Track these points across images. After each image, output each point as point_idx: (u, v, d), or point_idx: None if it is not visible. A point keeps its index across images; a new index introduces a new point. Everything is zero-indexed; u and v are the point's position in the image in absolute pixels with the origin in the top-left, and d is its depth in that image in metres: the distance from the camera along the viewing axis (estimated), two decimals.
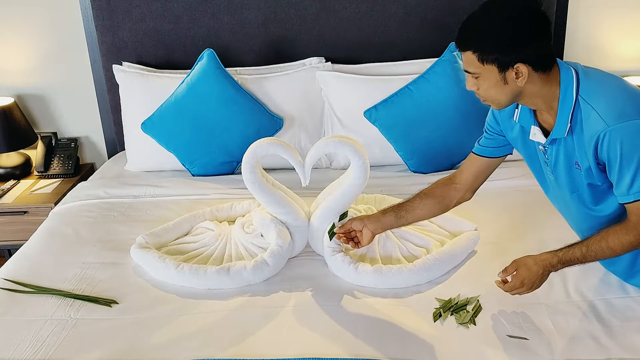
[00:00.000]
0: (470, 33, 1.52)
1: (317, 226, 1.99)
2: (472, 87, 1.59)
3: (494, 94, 1.56)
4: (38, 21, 2.91)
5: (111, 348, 1.62)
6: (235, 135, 2.59)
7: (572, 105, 1.53)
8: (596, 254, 1.58)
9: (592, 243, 1.58)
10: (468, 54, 1.53)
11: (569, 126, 1.55)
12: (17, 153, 3.01)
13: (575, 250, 1.59)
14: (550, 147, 1.63)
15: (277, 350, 1.58)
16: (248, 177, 1.96)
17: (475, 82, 1.57)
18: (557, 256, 1.60)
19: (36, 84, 3.03)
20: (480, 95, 1.60)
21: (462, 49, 1.54)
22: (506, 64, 1.50)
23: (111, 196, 2.49)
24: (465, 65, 1.57)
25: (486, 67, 1.51)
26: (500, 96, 1.57)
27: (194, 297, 1.83)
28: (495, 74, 1.52)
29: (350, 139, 1.94)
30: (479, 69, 1.53)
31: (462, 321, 1.64)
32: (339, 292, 1.82)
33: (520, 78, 1.51)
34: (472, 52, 1.51)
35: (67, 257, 2.05)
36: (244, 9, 2.74)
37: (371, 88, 2.62)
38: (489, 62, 1.50)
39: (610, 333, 1.59)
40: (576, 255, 1.59)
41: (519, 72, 1.50)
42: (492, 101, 1.60)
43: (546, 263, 1.60)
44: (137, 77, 2.70)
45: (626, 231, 1.55)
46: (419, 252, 1.96)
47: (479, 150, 1.88)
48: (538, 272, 1.60)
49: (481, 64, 1.51)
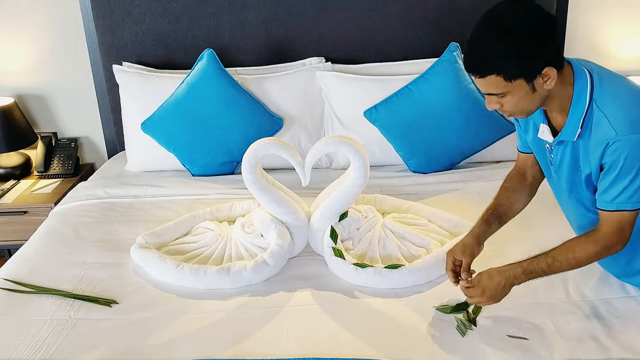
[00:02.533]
0: (489, 56, 1.42)
1: (317, 226, 1.99)
2: (494, 106, 1.51)
3: (522, 105, 1.49)
4: (38, 21, 2.91)
5: (111, 348, 1.62)
6: (235, 135, 2.59)
7: (584, 109, 1.50)
8: (561, 265, 1.56)
9: (558, 254, 1.56)
10: (491, 77, 1.43)
11: (579, 131, 1.52)
12: (17, 153, 3.01)
13: (541, 261, 1.57)
14: (556, 147, 1.61)
15: (277, 350, 1.58)
16: (248, 177, 1.96)
17: (498, 101, 1.49)
18: (521, 267, 1.58)
19: (36, 84, 3.03)
20: (506, 110, 1.52)
21: (482, 74, 1.44)
22: (534, 73, 1.43)
23: (111, 196, 2.49)
24: (486, 88, 1.47)
25: (514, 83, 1.43)
26: (530, 105, 1.50)
27: (194, 297, 1.83)
28: (524, 86, 1.44)
29: (350, 139, 1.94)
30: (506, 88, 1.44)
31: (464, 328, 1.64)
32: (339, 292, 1.82)
33: (549, 80, 1.45)
34: (496, 74, 1.42)
35: (67, 257, 2.05)
36: (244, 9, 2.74)
37: (371, 88, 2.62)
38: (516, 78, 1.43)
39: (610, 333, 1.59)
40: (541, 266, 1.56)
41: (547, 75, 1.44)
42: (521, 112, 1.53)
43: (509, 274, 1.58)
44: (137, 77, 2.70)
45: (593, 241, 1.54)
46: (419, 252, 1.96)
47: (522, 148, 1.81)
48: (500, 282, 1.57)
49: (508, 82, 1.43)
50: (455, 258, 1.70)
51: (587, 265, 1.58)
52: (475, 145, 2.57)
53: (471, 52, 1.46)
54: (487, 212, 1.79)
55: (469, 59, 1.47)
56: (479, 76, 1.45)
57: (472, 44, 1.45)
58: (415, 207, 2.20)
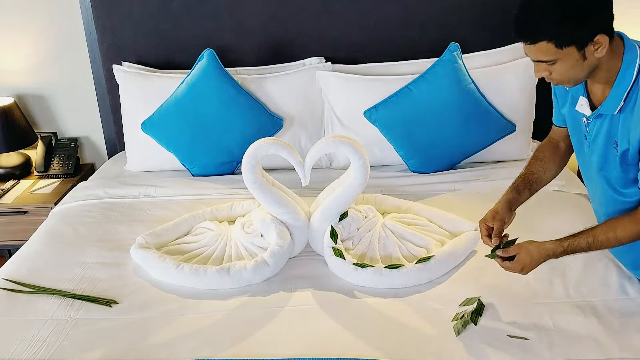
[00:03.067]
0: (541, 21, 1.41)
1: (317, 226, 1.99)
2: (543, 73, 1.50)
3: (572, 73, 1.48)
4: (38, 21, 2.91)
5: (111, 348, 1.62)
6: (235, 135, 2.59)
7: (630, 83, 1.48)
8: (601, 244, 1.56)
9: (599, 234, 1.56)
10: (541, 44, 1.42)
11: (622, 104, 1.50)
12: (17, 153, 3.01)
13: (581, 240, 1.57)
14: (593, 121, 1.59)
15: (277, 350, 1.58)
16: (248, 177, 1.96)
17: (547, 68, 1.48)
18: (562, 246, 1.58)
19: (36, 84, 3.03)
20: (554, 78, 1.51)
21: (533, 41, 1.43)
22: (586, 41, 1.41)
23: (111, 196, 2.49)
24: (536, 55, 1.46)
25: (565, 50, 1.42)
26: (579, 73, 1.49)
27: (194, 297, 1.83)
28: (574, 54, 1.43)
29: (350, 139, 1.94)
30: (556, 55, 1.43)
31: (461, 327, 1.64)
32: (339, 292, 1.82)
33: (600, 48, 1.43)
34: (547, 41, 1.41)
35: (67, 257, 2.05)
36: (244, 9, 2.74)
37: (371, 88, 2.62)
38: (567, 45, 1.41)
39: (610, 333, 1.59)
40: (581, 245, 1.57)
41: (599, 42, 1.42)
42: (569, 80, 1.52)
43: (549, 253, 1.59)
44: (137, 77, 2.70)
45: (636, 222, 1.53)
46: (419, 252, 1.96)
47: (557, 121, 1.83)
48: (540, 260, 1.60)
49: (559, 49, 1.42)
50: (487, 225, 1.70)
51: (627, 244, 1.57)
52: (475, 145, 2.57)
53: (522, 17, 1.44)
54: (517, 180, 1.80)
55: (519, 24, 1.45)
56: (530, 42, 1.44)
57: (523, 10, 1.44)
58: (415, 207, 2.20)
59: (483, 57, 2.68)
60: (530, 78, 2.58)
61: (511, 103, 2.58)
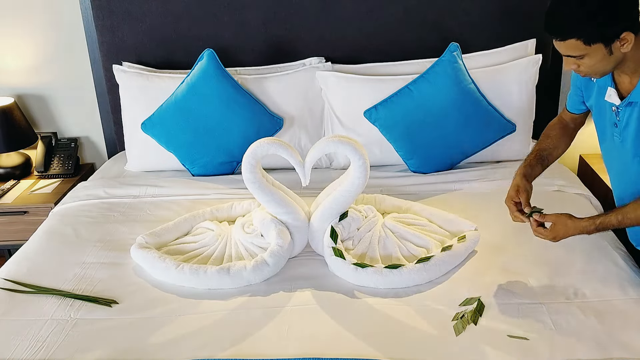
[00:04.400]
0: (570, 20, 1.51)
1: (317, 226, 1.99)
2: (572, 66, 1.61)
3: (599, 67, 1.58)
4: (38, 21, 2.91)
5: (111, 348, 1.62)
6: (235, 135, 2.59)
7: None
8: (631, 221, 1.66)
9: (629, 211, 1.65)
10: (571, 41, 1.52)
11: None
12: (17, 153, 3.01)
13: (612, 218, 1.67)
14: (624, 109, 1.67)
15: (278, 350, 1.58)
16: (248, 177, 1.96)
17: (576, 62, 1.58)
18: (594, 223, 1.67)
19: (36, 84, 3.03)
20: (581, 71, 1.62)
21: (563, 37, 1.53)
22: (612, 38, 1.51)
23: (111, 196, 2.48)
24: (566, 51, 1.56)
25: (593, 47, 1.52)
26: (606, 67, 1.59)
27: (194, 297, 1.83)
28: (601, 50, 1.53)
29: (350, 139, 1.94)
30: (585, 50, 1.53)
31: (461, 327, 1.64)
32: (339, 292, 1.82)
33: (626, 44, 1.52)
34: (576, 38, 1.51)
35: (67, 257, 2.05)
36: (244, 9, 2.74)
37: (371, 88, 2.62)
38: (595, 42, 1.51)
39: (610, 333, 1.59)
40: (612, 222, 1.67)
41: (625, 39, 1.51)
42: (596, 73, 1.62)
43: (583, 229, 1.68)
44: (137, 77, 2.70)
45: None
46: (419, 252, 1.96)
47: (572, 108, 1.94)
48: (573, 234, 1.70)
49: (587, 45, 1.52)
50: (514, 201, 1.81)
51: None
52: (475, 145, 2.57)
53: (553, 15, 1.55)
54: (530, 156, 1.94)
55: (550, 22, 1.55)
56: (560, 39, 1.54)
57: (554, 8, 1.54)
58: (415, 207, 2.20)
59: (483, 57, 2.68)
60: (530, 78, 2.58)
61: (511, 103, 2.58)
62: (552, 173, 2.30)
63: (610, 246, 1.96)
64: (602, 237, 2.03)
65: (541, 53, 2.63)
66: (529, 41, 2.68)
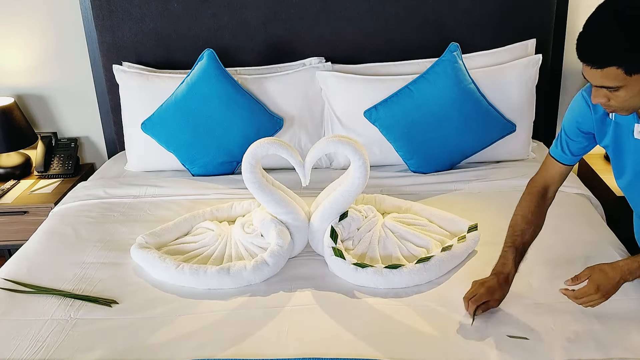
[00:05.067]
0: (613, 47, 1.33)
1: (317, 226, 1.99)
2: (602, 100, 1.44)
3: (633, 102, 1.42)
4: (38, 21, 2.91)
5: (111, 348, 1.62)
6: (235, 135, 2.59)
7: None
8: None
9: None
10: (610, 69, 1.35)
11: None
12: (17, 153, 3.01)
13: None
14: None
15: (277, 350, 1.58)
16: (248, 177, 1.96)
17: (607, 95, 1.42)
18: (637, 261, 1.53)
19: (36, 84, 3.03)
20: (611, 105, 1.45)
21: (601, 66, 1.36)
22: None
23: (111, 196, 2.49)
24: (601, 81, 1.39)
25: (633, 77, 1.36)
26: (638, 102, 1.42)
27: (194, 297, 1.83)
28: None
29: (350, 139, 1.94)
30: (623, 82, 1.37)
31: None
32: (339, 292, 1.82)
33: None
34: (617, 67, 1.35)
35: (67, 257, 2.05)
36: (244, 9, 2.74)
37: (371, 88, 2.62)
38: (636, 73, 1.35)
39: (610, 333, 1.59)
40: None
41: None
42: (628, 109, 1.45)
43: (624, 269, 1.52)
44: (137, 77, 2.70)
45: None
46: (419, 252, 1.96)
47: (567, 160, 1.76)
48: (615, 278, 1.52)
49: (628, 76, 1.35)
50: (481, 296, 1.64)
51: None
52: (475, 145, 2.57)
53: (590, 41, 1.37)
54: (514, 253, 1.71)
55: (586, 48, 1.37)
56: (597, 67, 1.37)
57: (591, 33, 1.37)
58: (415, 207, 2.20)
59: (483, 57, 2.68)
60: (530, 78, 2.58)
61: (511, 103, 2.58)
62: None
63: (611, 246, 1.96)
64: (602, 237, 2.03)
65: (541, 53, 2.63)
66: (529, 41, 2.68)
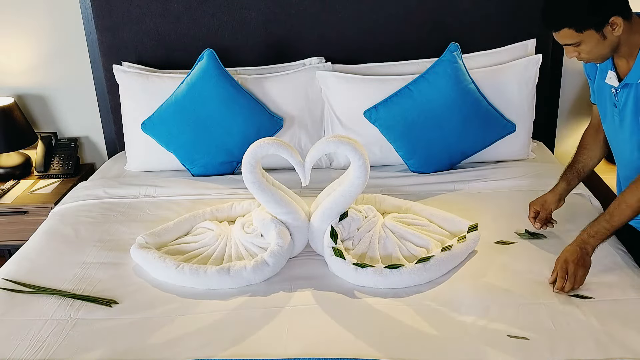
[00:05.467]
0: (561, 12, 1.65)
1: (317, 226, 1.99)
2: (573, 54, 1.74)
3: (596, 51, 1.71)
4: (38, 21, 2.91)
5: (111, 348, 1.62)
6: (235, 135, 2.59)
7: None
8: (620, 217, 1.74)
9: (614, 209, 1.75)
10: (564, 30, 1.67)
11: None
12: (17, 153, 3.01)
13: (600, 220, 1.77)
14: (622, 90, 1.79)
15: (277, 350, 1.58)
16: (248, 177, 1.96)
17: (574, 49, 1.71)
18: (585, 232, 1.77)
19: (36, 84, 3.03)
20: (583, 58, 1.74)
21: (556, 28, 1.67)
22: (602, 23, 1.64)
23: (111, 196, 2.48)
24: (562, 40, 1.70)
25: (585, 33, 1.66)
26: (603, 51, 1.71)
27: (194, 297, 1.83)
28: (594, 35, 1.66)
29: (350, 139, 1.94)
30: (578, 38, 1.67)
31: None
32: (339, 292, 1.82)
33: (617, 28, 1.65)
34: (568, 27, 1.65)
35: (67, 257, 2.05)
36: (244, 9, 2.74)
37: (371, 88, 2.62)
38: (586, 29, 1.65)
39: (610, 333, 1.59)
40: (603, 224, 1.76)
41: (614, 23, 1.64)
42: (596, 58, 1.74)
43: (580, 238, 1.77)
44: (137, 77, 2.70)
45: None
46: (418, 252, 1.96)
47: (594, 99, 2.00)
48: (575, 250, 1.75)
49: (579, 33, 1.65)
50: (535, 209, 2.01)
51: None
52: (475, 145, 2.57)
53: (546, 10, 1.70)
54: (566, 170, 2.07)
55: (545, 16, 1.70)
56: (554, 30, 1.69)
57: (546, 3, 1.69)
58: (415, 207, 2.20)
59: (483, 57, 2.68)
60: (530, 78, 2.58)
61: (511, 103, 2.58)
62: (553, 173, 2.30)
63: (611, 246, 1.96)
64: None
65: (541, 53, 2.63)
66: (529, 41, 2.68)
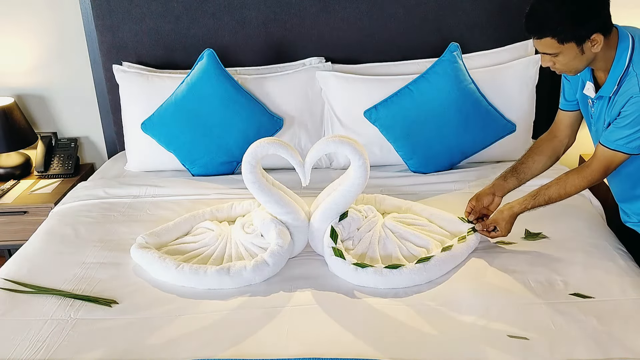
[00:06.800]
0: (546, 21, 1.64)
1: (317, 226, 1.99)
2: (548, 63, 1.74)
3: (572, 65, 1.72)
4: (38, 21, 2.91)
5: (111, 348, 1.62)
6: (235, 135, 2.59)
7: (623, 70, 1.71)
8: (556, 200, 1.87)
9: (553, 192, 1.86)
10: (546, 39, 1.66)
11: (616, 88, 1.73)
12: (17, 153, 3.01)
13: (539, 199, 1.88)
14: (597, 102, 1.83)
15: (277, 350, 1.58)
16: (248, 177, 1.96)
17: (551, 59, 1.72)
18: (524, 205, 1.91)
19: (36, 84, 3.03)
20: (557, 68, 1.75)
21: (540, 36, 1.67)
22: (584, 38, 1.65)
23: (111, 196, 2.49)
24: (542, 49, 1.70)
25: (565, 46, 1.66)
26: (579, 65, 1.73)
27: (194, 297, 1.83)
28: (574, 49, 1.67)
29: (350, 139, 1.94)
30: (558, 49, 1.67)
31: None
32: (339, 292, 1.82)
33: (596, 45, 1.66)
34: (551, 37, 1.65)
35: (67, 257, 2.05)
36: (244, 9, 2.74)
37: (371, 88, 2.62)
38: (568, 41, 1.65)
39: (610, 333, 1.59)
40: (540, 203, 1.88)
41: (595, 40, 1.65)
42: (570, 70, 1.75)
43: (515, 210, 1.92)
44: (137, 77, 2.70)
45: (582, 177, 1.82)
46: (418, 252, 1.96)
47: (564, 105, 2.01)
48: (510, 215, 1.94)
49: (561, 44, 1.66)
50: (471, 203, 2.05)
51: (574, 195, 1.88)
52: (475, 145, 2.57)
53: (531, 15, 1.68)
54: (509, 169, 2.07)
55: (528, 21, 1.69)
56: (536, 37, 1.68)
57: (532, 8, 1.68)
58: (415, 207, 2.20)
59: (483, 57, 2.68)
60: (530, 78, 2.58)
61: (511, 103, 2.58)
62: (553, 173, 2.30)
63: (610, 246, 1.96)
64: (602, 237, 2.03)
65: None
66: (529, 41, 2.68)
